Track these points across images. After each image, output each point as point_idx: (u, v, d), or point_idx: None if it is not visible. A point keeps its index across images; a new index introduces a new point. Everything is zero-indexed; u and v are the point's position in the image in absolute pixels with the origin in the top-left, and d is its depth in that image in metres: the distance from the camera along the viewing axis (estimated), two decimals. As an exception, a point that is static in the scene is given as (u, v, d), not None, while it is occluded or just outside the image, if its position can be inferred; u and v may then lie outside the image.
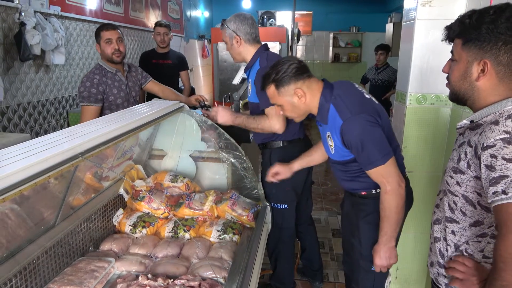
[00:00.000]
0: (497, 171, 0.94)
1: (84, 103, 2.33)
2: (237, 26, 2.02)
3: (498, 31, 0.96)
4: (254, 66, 2.05)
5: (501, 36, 0.96)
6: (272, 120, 1.92)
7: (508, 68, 1.00)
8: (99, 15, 4.18)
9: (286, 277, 2.32)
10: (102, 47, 2.38)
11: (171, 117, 2.05)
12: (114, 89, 2.41)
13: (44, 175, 1.04)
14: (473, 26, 1.00)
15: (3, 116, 2.88)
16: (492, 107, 1.03)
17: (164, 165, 2.36)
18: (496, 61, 0.99)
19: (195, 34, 7.94)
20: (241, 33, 2.02)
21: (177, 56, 4.04)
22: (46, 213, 1.47)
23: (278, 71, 1.56)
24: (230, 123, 2.09)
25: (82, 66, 3.88)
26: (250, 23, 2.03)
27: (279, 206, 2.17)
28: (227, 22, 2.06)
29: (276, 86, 1.58)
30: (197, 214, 2.05)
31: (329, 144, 1.60)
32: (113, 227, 1.98)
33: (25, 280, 1.37)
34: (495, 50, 0.98)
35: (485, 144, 0.97)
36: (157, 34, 3.82)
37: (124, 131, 1.50)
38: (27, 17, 2.84)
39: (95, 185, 1.82)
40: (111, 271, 1.60)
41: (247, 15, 2.05)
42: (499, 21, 0.96)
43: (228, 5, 9.02)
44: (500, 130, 0.96)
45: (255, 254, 1.76)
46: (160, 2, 6.01)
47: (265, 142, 2.14)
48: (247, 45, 2.05)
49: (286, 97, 1.58)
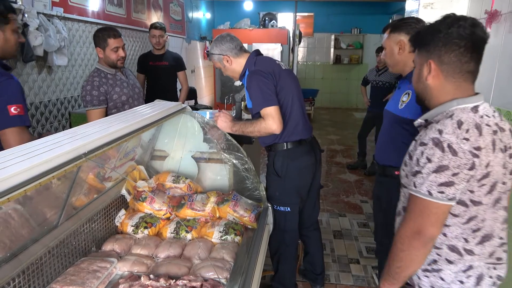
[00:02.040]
0: (420, 166, 1.09)
1: (88, 107, 2.35)
2: (220, 48, 2.10)
3: (438, 34, 1.10)
4: (245, 73, 2.09)
5: (441, 37, 1.09)
6: (268, 120, 1.93)
7: (450, 66, 1.11)
8: (102, 17, 4.19)
9: (287, 279, 2.32)
10: (107, 53, 2.38)
11: (173, 118, 2.06)
12: (116, 87, 2.42)
13: (48, 175, 1.05)
14: (423, 34, 1.16)
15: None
16: (441, 107, 1.14)
17: (166, 166, 2.36)
18: (439, 61, 1.12)
19: (196, 35, 7.96)
20: (226, 51, 2.09)
21: (174, 57, 4.05)
22: (49, 214, 1.48)
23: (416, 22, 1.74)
24: (228, 130, 2.11)
25: (85, 67, 3.89)
26: (229, 39, 2.10)
27: (281, 208, 2.17)
28: (210, 51, 2.15)
29: (392, 30, 1.80)
30: (199, 215, 2.05)
31: (402, 100, 1.72)
32: (115, 227, 1.99)
33: (28, 280, 1.38)
34: (437, 51, 1.11)
35: (422, 141, 1.11)
36: (152, 36, 3.83)
37: (127, 132, 1.51)
38: (30, 19, 2.85)
39: (98, 185, 1.83)
40: (114, 271, 1.61)
41: (223, 34, 2.13)
42: (440, 27, 1.10)
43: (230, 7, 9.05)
44: (435, 129, 1.08)
45: (256, 255, 1.76)
46: (162, 4, 6.03)
47: (270, 145, 2.15)
48: (237, 59, 2.11)
49: (392, 43, 1.80)
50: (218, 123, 2.11)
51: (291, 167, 2.10)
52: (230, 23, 7.41)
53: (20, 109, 1.63)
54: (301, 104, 2.14)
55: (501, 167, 1.08)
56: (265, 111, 1.93)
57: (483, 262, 1.14)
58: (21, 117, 1.63)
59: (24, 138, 1.62)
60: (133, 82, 2.59)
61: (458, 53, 1.08)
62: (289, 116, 2.05)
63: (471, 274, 1.14)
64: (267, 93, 1.95)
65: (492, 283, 1.16)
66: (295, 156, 2.10)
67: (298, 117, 2.09)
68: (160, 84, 3.92)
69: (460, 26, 1.07)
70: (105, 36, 2.37)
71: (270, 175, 2.19)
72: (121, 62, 2.42)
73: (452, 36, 1.08)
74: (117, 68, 2.46)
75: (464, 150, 1.02)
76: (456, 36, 1.07)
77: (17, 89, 1.65)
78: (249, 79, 2.01)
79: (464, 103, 1.11)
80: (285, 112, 2.04)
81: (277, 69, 2.07)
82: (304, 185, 2.19)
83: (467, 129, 1.04)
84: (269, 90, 1.95)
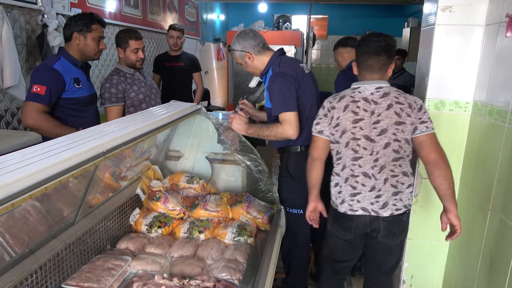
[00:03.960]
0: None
1: (106, 104, 2.40)
2: (242, 44, 2.06)
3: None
4: (268, 72, 2.07)
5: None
6: (285, 126, 1.93)
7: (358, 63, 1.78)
8: (118, 18, 4.25)
9: (299, 282, 2.31)
10: (127, 54, 2.46)
11: (188, 119, 2.08)
12: (134, 86, 2.47)
13: (68, 173, 1.07)
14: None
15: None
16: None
17: (181, 166, 2.38)
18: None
19: (210, 37, 8.01)
20: (249, 48, 2.05)
21: (189, 58, 4.09)
22: (67, 211, 1.51)
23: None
24: (243, 132, 2.10)
25: (101, 67, 3.95)
26: (252, 35, 2.06)
27: (294, 211, 2.16)
28: (232, 46, 2.11)
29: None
30: (212, 215, 2.06)
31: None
32: (129, 226, 2.01)
33: (45, 275, 1.40)
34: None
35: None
36: (170, 37, 3.87)
37: (144, 132, 1.53)
38: (49, 19, 2.91)
39: (113, 184, 1.86)
40: (128, 269, 1.63)
41: (246, 30, 2.10)
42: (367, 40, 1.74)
43: (244, 9, 9.06)
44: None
45: (269, 257, 1.76)
46: (177, 5, 6.09)
47: (283, 147, 2.14)
48: (259, 56, 2.08)
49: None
50: (232, 125, 2.11)
51: (305, 169, 2.09)
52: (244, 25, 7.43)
53: (41, 89, 1.97)
54: (318, 108, 2.13)
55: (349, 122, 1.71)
56: (283, 116, 1.93)
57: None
58: (37, 95, 1.96)
59: (37, 114, 1.97)
60: (150, 83, 2.64)
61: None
62: (306, 120, 2.04)
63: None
64: (289, 97, 1.94)
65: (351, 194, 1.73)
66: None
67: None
68: (175, 85, 3.95)
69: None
70: (126, 37, 2.45)
71: (283, 177, 2.18)
72: (140, 63, 2.49)
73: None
74: (136, 68, 2.52)
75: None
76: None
77: (47, 74, 2.02)
78: (272, 80, 2.00)
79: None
80: (303, 116, 2.03)
81: (300, 72, 2.05)
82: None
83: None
84: (291, 95, 1.94)
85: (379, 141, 1.68)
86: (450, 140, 2.05)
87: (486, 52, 1.88)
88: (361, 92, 1.71)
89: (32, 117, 1.97)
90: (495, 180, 1.73)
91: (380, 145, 1.68)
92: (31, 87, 1.99)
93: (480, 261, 1.84)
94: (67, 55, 2.14)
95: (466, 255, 2.01)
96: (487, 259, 1.78)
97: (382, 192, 1.70)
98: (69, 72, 2.10)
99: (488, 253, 1.77)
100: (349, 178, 1.73)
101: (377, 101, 1.68)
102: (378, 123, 1.68)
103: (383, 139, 1.68)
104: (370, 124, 1.68)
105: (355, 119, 1.69)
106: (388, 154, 1.69)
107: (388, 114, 1.67)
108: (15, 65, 2.61)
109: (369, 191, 1.70)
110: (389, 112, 1.67)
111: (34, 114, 1.97)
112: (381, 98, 1.68)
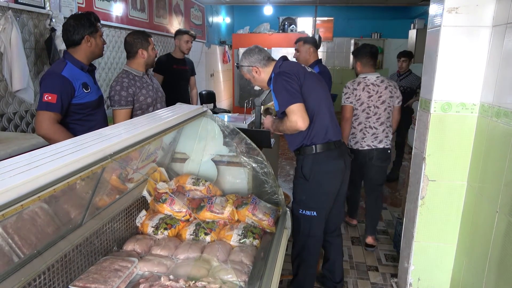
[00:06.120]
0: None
1: (115, 107, 2.41)
2: (249, 60, 2.19)
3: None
4: (272, 77, 2.14)
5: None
6: (292, 117, 1.96)
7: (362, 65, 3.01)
8: (125, 21, 4.29)
9: (306, 285, 2.30)
10: (149, 52, 2.53)
11: (194, 121, 2.09)
12: (143, 89, 2.49)
13: (76, 175, 1.08)
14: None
15: (33, 118, 2.99)
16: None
17: (186, 169, 2.39)
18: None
19: (216, 39, 8.04)
20: (255, 62, 2.18)
21: (189, 62, 4.21)
22: (74, 213, 1.52)
23: None
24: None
25: (108, 70, 3.98)
26: (257, 51, 2.20)
27: (307, 213, 2.15)
28: (240, 63, 2.25)
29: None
30: (218, 217, 2.07)
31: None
32: (136, 228, 2.02)
33: (53, 276, 1.42)
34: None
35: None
36: (185, 42, 3.90)
37: (151, 134, 1.54)
38: (57, 23, 2.94)
39: (120, 186, 1.87)
40: (134, 271, 1.64)
41: (251, 47, 2.23)
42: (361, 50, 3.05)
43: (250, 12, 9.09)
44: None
45: (275, 259, 1.76)
46: (183, 9, 6.12)
47: (298, 148, 2.15)
48: (265, 69, 2.19)
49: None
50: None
51: (319, 171, 2.10)
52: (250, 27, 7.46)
53: (52, 97, 1.97)
54: (328, 106, 2.15)
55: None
56: (289, 109, 1.96)
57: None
58: (49, 104, 1.97)
59: (50, 124, 1.97)
60: (156, 86, 2.66)
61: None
62: (315, 116, 2.06)
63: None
64: (292, 91, 1.97)
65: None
66: (323, 160, 2.09)
67: (326, 118, 2.10)
68: (180, 87, 3.99)
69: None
70: (145, 36, 2.52)
71: (297, 179, 2.19)
72: (154, 61, 2.60)
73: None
74: (152, 67, 2.61)
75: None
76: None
77: (56, 82, 2.02)
78: (274, 80, 2.06)
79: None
80: (312, 112, 2.05)
81: (302, 71, 2.10)
82: (332, 190, 2.17)
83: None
84: (293, 89, 1.98)
85: (381, 107, 2.91)
86: (457, 142, 2.04)
87: (493, 53, 1.87)
88: (369, 79, 2.93)
89: (46, 126, 1.97)
90: (502, 182, 1.72)
91: (381, 110, 2.91)
92: (41, 96, 1.98)
93: (488, 263, 1.82)
94: (74, 59, 2.13)
95: (473, 257, 2.00)
96: (495, 261, 1.76)
97: (379, 135, 2.93)
98: (77, 77, 2.11)
99: (496, 255, 1.75)
100: (362, 129, 2.94)
101: (379, 85, 2.92)
102: (381, 97, 2.90)
103: (383, 106, 2.91)
104: (376, 98, 2.90)
105: (369, 95, 2.91)
106: (385, 115, 2.93)
107: (386, 92, 2.91)
108: (23, 69, 2.65)
109: (371, 135, 2.93)
110: (386, 91, 2.92)
111: (48, 124, 1.97)
112: (381, 83, 2.93)
